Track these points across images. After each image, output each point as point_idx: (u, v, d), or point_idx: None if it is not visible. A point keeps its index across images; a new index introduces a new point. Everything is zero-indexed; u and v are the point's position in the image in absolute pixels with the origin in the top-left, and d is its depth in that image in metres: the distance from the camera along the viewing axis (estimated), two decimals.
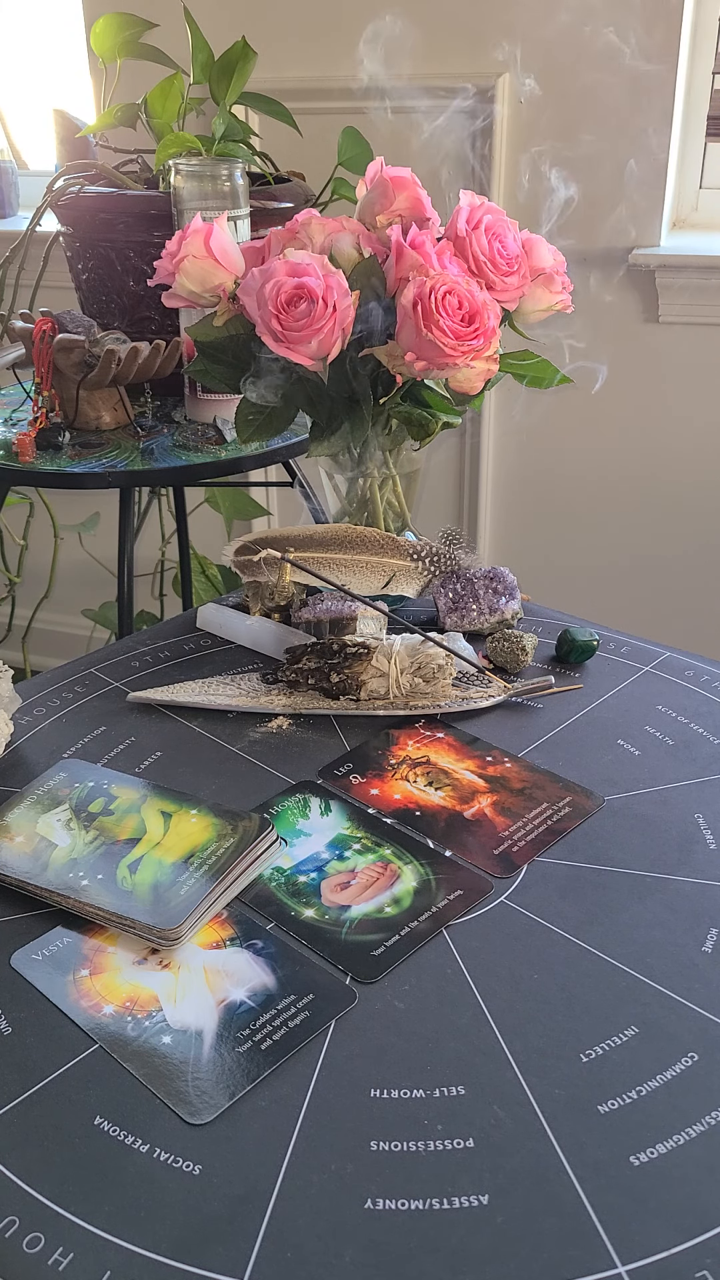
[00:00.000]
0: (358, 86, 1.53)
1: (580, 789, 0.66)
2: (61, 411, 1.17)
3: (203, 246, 0.80)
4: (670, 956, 0.54)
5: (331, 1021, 0.50)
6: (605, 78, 1.49)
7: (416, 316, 0.73)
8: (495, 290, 0.79)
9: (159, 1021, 0.50)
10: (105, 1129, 0.45)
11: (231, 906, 0.57)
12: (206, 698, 0.75)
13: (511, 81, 1.54)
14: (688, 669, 0.79)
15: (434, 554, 0.85)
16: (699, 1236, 0.41)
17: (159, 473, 1.10)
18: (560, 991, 0.52)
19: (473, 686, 0.75)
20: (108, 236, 1.22)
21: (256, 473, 1.74)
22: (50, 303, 1.33)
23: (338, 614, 0.78)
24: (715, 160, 1.62)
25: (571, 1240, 0.41)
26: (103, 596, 1.96)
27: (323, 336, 0.73)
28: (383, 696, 0.74)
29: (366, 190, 0.82)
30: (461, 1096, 0.47)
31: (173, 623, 0.88)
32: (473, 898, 0.58)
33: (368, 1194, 0.43)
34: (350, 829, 0.63)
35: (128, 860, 0.59)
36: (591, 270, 1.59)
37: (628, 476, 1.71)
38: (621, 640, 0.83)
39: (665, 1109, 0.46)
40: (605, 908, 0.57)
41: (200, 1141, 0.45)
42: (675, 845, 0.61)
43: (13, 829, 0.61)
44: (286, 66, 1.61)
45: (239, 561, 0.85)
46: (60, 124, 1.45)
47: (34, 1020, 0.51)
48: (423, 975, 0.53)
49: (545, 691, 0.76)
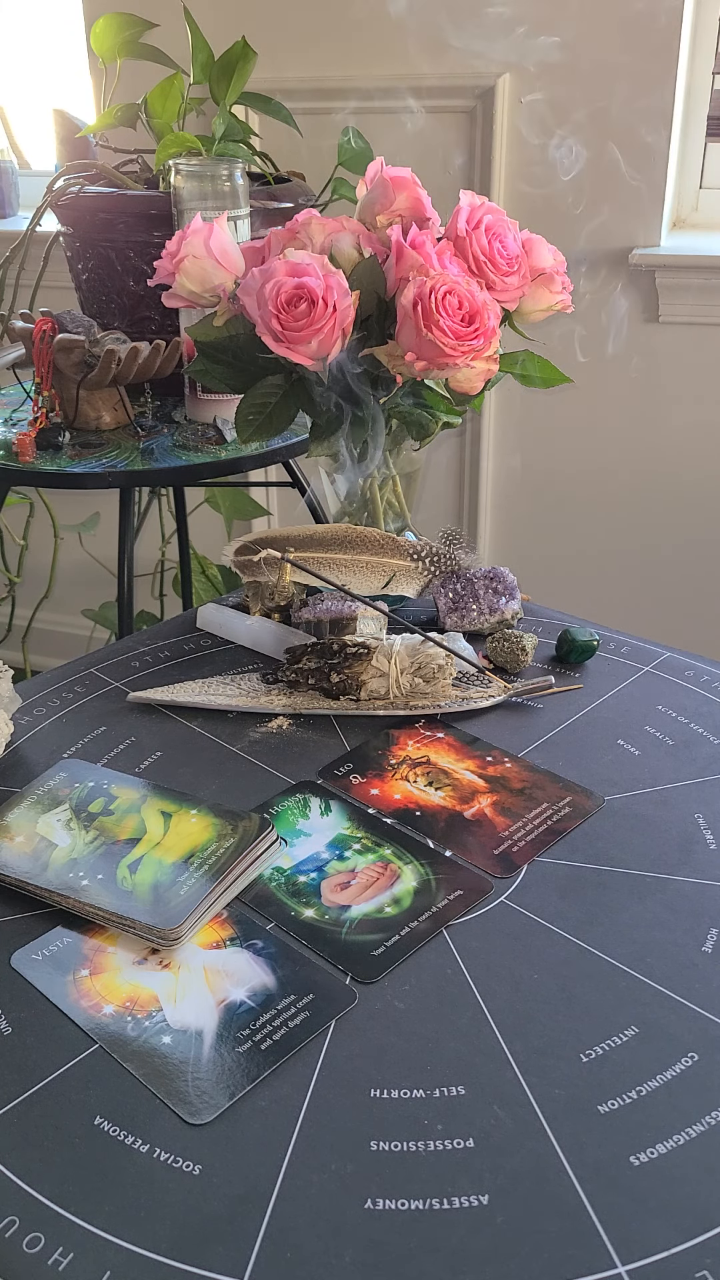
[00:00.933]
0: (358, 86, 1.53)
1: (580, 789, 0.66)
2: (61, 411, 1.17)
3: (203, 246, 0.80)
4: (670, 956, 0.54)
5: (331, 1021, 0.50)
6: (605, 77, 1.49)
7: (416, 316, 0.73)
8: (495, 290, 0.79)
9: (159, 1021, 0.50)
10: (105, 1129, 0.45)
11: (231, 906, 0.57)
12: (206, 698, 0.75)
13: (511, 81, 1.54)
14: (688, 669, 0.79)
15: (434, 554, 0.85)
16: (699, 1236, 0.41)
17: (159, 473, 1.10)
18: (560, 991, 0.52)
19: (473, 686, 0.75)
20: (108, 236, 1.22)
21: (256, 473, 1.74)
22: (50, 303, 1.33)
23: (338, 614, 0.78)
24: (715, 160, 1.62)
25: (571, 1240, 0.41)
26: (103, 596, 1.96)
27: (323, 336, 0.73)
28: (383, 696, 0.74)
29: (366, 190, 0.82)
30: (461, 1096, 0.47)
31: (173, 623, 0.88)
32: (473, 898, 0.58)
33: (368, 1194, 0.43)
34: (350, 829, 0.63)
35: (128, 860, 0.59)
36: (591, 270, 1.59)
37: (628, 476, 1.71)
38: (621, 640, 0.83)
39: (665, 1109, 0.46)
40: (605, 908, 0.57)
41: (200, 1141, 0.45)
42: (675, 845, 0.61)
43: (13, 829, 0.61)
44: (286, 66, 1.61)
45: (239, 561, 0.85)
46: (60, 124, 1.45)
47: (34, 1020, 0.51)
48: (423, 975, 0.53)
49: (545, 691, 0.76)
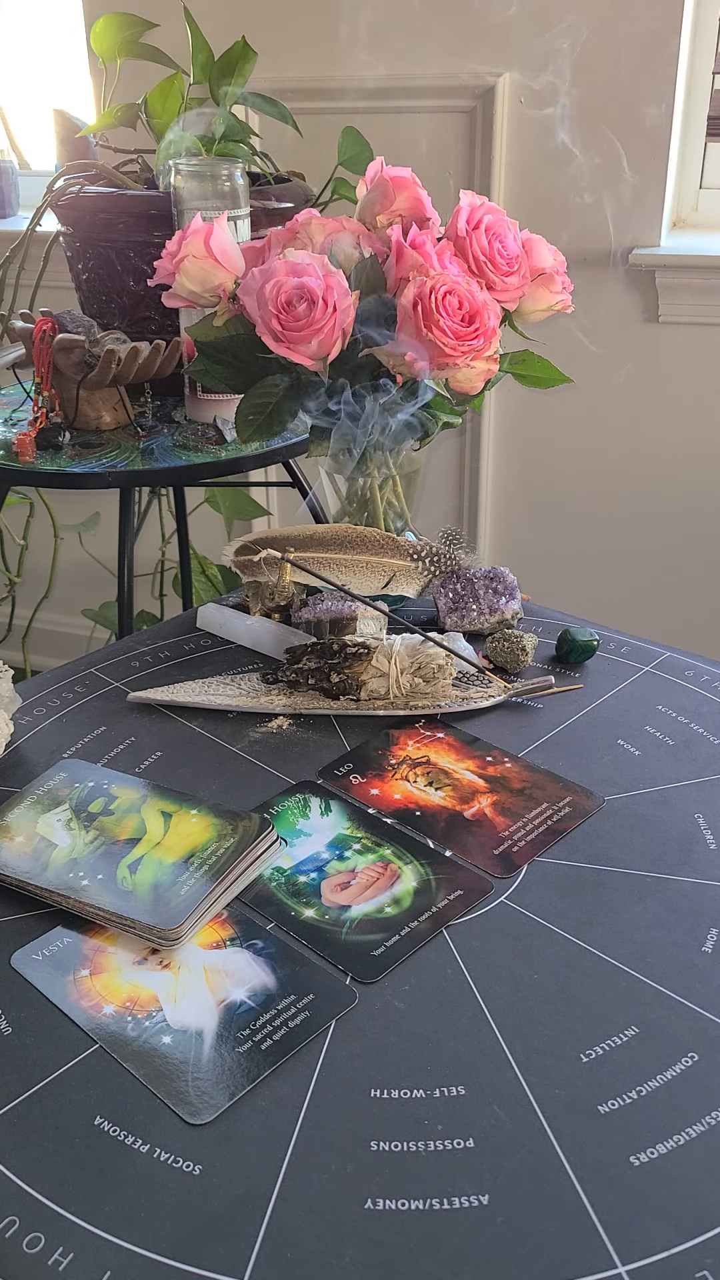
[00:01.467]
0: (358, 86, 1.53)
1: (580, 789, 0.66)
2: (61, 411, 1.17)
3: (203, 246, 0.80)
4: (670, 956, 0.54)
5: (331, 1021, 0.50)
6: (605, 78, 1.49)
7: (416, 316, 0.73)
8: (495, 290, 0.79)
9: (159, 1021, 0.50)
10: (105, 1129, 0.45)
11: (231, 906, 0.57)
12: (206, 698, 0.75)
13: (512, 81, 1.54)
14: (688, 669, 0.79)
15: (434, 554, 0.85)
16: (699, 1236, 0.41)
17: (159, 473, 1.10)
18: (560, 991, 0.52)
19: (473, 686, 0.75)
20: (108, 236, 1.22)
21: (256, 473, 1.74)
22: (50, 303, 1.33)
23: (338, 614, 0.78)
24: (715, 160, 1.62)
25: (571, 1240, 0.41)
26: (103, 596, 1.96)
27: (323, 336, 0.73)
28: (383, 696, 0.74)
29: (366, 190, 0.82)
30: (461, 1096, 0.47)
31: (173, 623, 0.88)
32: (473, 898, 0.58)
33: (368, 1194, 0.43)
34: (350, 829, 0.63)
35: (128, 860, 0.59)
36: (591, 270, 1.59)
37: (628, 476, 1.71)
38: (621, 640, 0.83)
39: (665, 1109, 0.46)
40: (605, 908, 0.57)
41: (200, 1141, 0.45)
42: (675, 845, 0.61)
43: (13, 829, 0.61)
44: (286, 66, 1.61)
45: (239, 561, 0.85)
46: (60, 124, 1.45)
47: (34, 1020, 0.51)
48: (423, 975, 0.53)
49: (545, 691, 0.76)
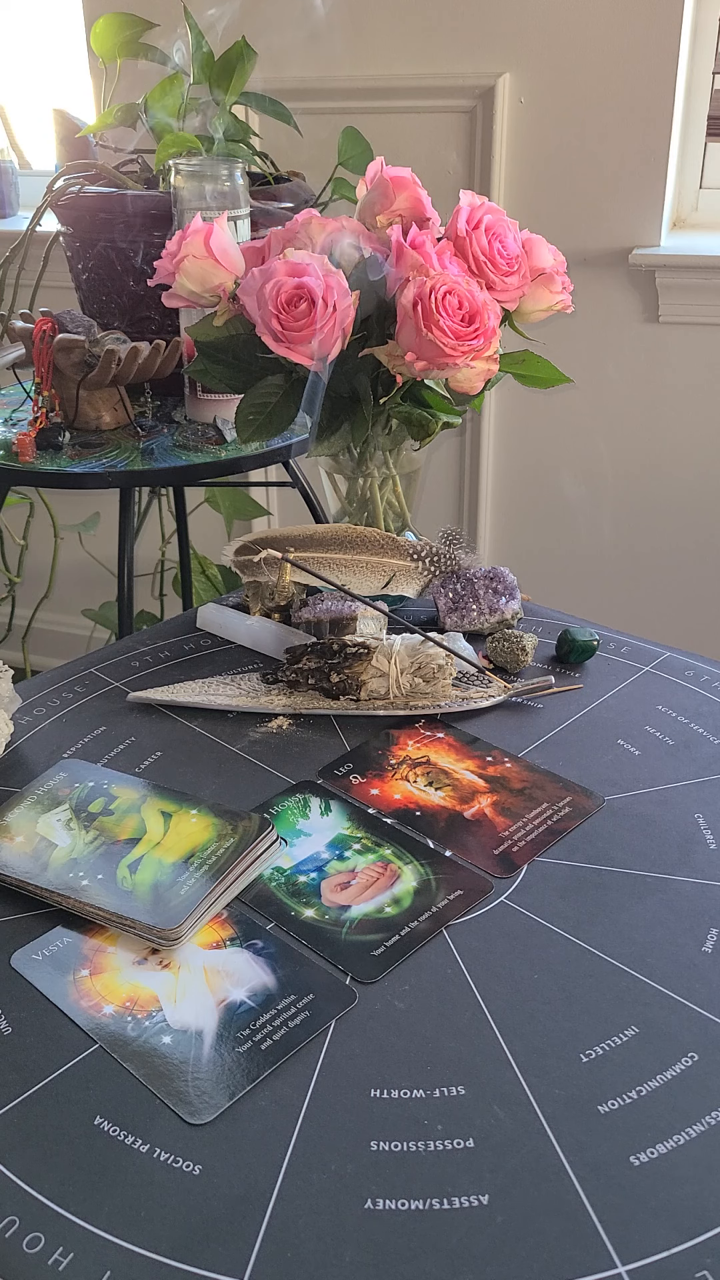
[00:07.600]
0: (358, 86, 1.53)
1: (580, 789, 0.66)
2: (61, 411, 1.17)
3: (203, 246, 0.80)
4: (670, 956, 0.54)
5: (331, 1021, 0.50)
6: (605, 78, 1.49)
7: (416, 316, 0.73)
8: (495, 290, 0.79)
9: (159, 1021, 0.50)
10: (105, 1129, 0.45)
11: (231, 906, 0.57)
12: (206, 698, 0.75)
13: (512, 81, 1.54)
14: (688, 669, 0.79)
15: (434, 554, 0.85)
16: (699, 1236, 0.41)
17: (159, 473, 1.10)
18: (560, 991, 0.52)
19: (473, 686, 0.75)
20: (108, 236, 1.22)
21: (256, 473, 1.74)
22: (50, 303, 1.33)
23: (338, 614, 0.78)
24: (715, 160, 1.62)
25: (571, 1240, 0.41)
26: (103, 596, 1.96)
27: (323, 336, 0.73)
28: (383, 696, 0.74)
29: (366, 190, 0.82)
30: (461, 1096, 0.47)
31: (173, 623, 0.88)
32: (473, 898, 0.58)
33: (368, 1194, 0.43)
34: (350, 829, 0.63)
35: (128, 860, 0.59)
36: (591, 270, 1.59)
37: (628, 476, 1.71)
38: (621, 640, 0.83)
39: (665, 1109, 0.46)
40: (605, 908, 0.57)
41: (200, 1141, 0.45)
42: (675, 845, 0.61)
43: (13, 829, 0.61)
44: (286, 66, 1.61)
45: (239, 561, 0.85)
46: (60, 124, 1.45)
47: (34, 1020, 0.51)
48: (423, 975, 0.53)
49: (545, 691, 0.76)
